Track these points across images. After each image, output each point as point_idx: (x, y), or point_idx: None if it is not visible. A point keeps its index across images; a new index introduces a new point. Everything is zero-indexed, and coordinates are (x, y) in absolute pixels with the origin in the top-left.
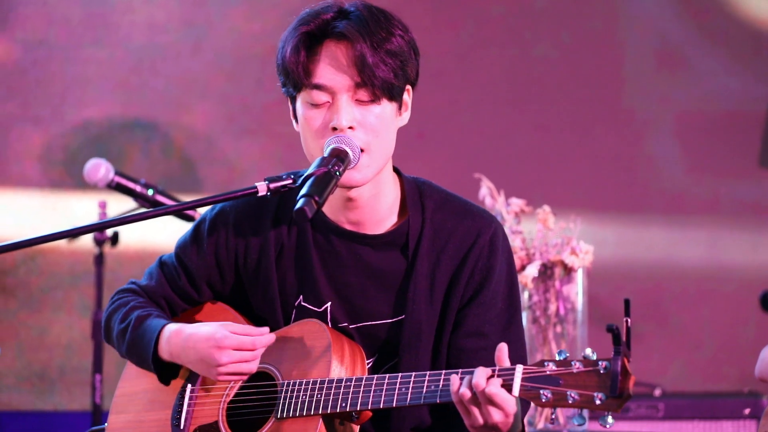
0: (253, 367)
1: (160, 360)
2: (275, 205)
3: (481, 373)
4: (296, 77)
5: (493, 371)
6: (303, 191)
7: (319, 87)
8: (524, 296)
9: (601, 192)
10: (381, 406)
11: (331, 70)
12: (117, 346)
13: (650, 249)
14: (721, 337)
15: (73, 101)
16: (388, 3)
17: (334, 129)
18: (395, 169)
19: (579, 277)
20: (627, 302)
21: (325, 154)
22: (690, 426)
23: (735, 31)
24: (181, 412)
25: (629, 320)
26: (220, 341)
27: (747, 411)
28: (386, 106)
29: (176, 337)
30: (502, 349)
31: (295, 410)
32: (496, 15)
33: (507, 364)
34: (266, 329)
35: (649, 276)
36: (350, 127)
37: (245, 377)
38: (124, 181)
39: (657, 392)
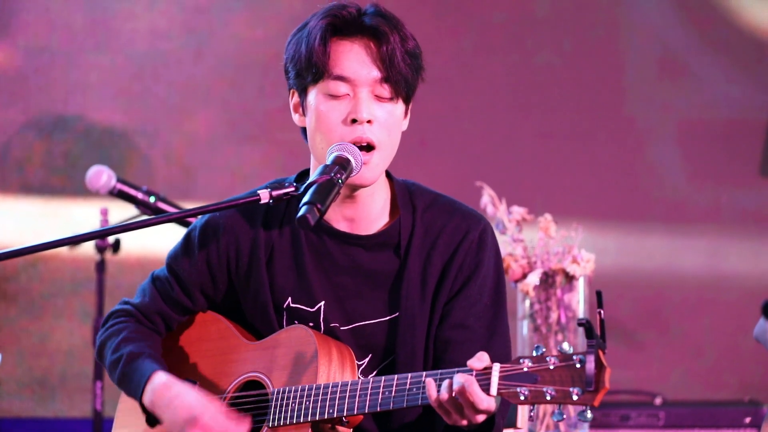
0: None
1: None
2: (264, 208)
3: (459, 378)
4: (321, 66)
5: (470, 373)
6: (306, 199)
7: (342, 78)
8: (525, 304)
9: (603, 200)
10: (366, 411)
11: (357, 62)
12: (109, 374)
13: (651, 257)
14: (722, 346)
15: (75, 108)
16: (391, 10)
17: (353, 121)
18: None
19: (580, 285)
20: (599, 294)
21: (328, 162)
22: None
23: (736, 39)
24: None
25: (602, 312)
26: (198, 421)
27: (747, 420)
28: (399, 107)
29: (164, 391)
30: (481, 357)
31: (285, 418)
32: (498, 23)
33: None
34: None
35: (650, 284)
36: (368, 121)
37: None
38: (125, 188)
39: (657, 401)
